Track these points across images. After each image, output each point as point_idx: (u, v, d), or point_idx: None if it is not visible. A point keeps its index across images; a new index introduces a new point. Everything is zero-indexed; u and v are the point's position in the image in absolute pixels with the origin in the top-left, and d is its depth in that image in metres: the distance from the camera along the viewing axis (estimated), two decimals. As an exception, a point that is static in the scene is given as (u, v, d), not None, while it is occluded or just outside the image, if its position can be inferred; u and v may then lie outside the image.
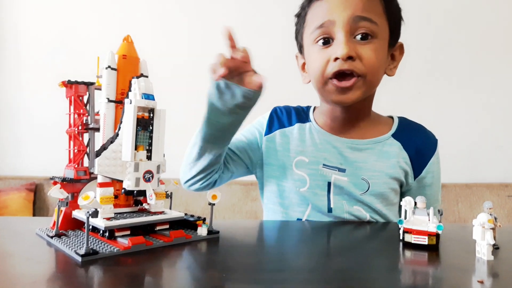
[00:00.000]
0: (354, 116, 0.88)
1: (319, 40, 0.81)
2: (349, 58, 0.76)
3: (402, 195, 0.88)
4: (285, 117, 0.95)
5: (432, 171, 0.87)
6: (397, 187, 0.86)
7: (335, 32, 0.78)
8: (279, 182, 0.89)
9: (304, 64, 0.91)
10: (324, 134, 0.89)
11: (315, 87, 0.86)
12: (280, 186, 0.89)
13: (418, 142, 0.87)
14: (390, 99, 1.85)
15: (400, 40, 0.87)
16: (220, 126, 0.76)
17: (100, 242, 0.55)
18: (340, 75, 0.77)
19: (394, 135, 0.88)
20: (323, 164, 0.86)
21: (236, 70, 0.69)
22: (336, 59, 0.77)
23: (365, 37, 0.77)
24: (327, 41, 0.80)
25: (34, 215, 1.89)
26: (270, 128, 0.93)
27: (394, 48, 0.86)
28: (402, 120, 0.92)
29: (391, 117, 0.93)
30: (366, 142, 0.87)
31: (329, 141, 0.88)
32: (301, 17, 0.88)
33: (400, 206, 0.83)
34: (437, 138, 0.90)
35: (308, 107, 0.98)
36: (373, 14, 0.78)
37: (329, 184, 0.85)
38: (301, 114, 0.95)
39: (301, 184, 0.86)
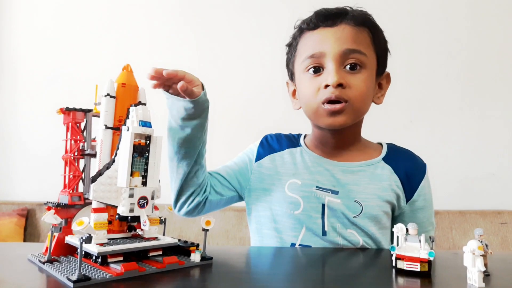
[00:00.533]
0: (344, 141, 0.90)
1: (310, 68, 0.84)
2: (339, 85, 0.79)
3: (394, 219, 0.89)
4: (275, 142, 0.97)
5: (424, 193, 0.89)
6: (389, 211, 0.87)
7: (326, 62, 0.82)
8: (272, 207, 0.90)
9: (294, 90, 0.95)
10: (316, 157, 0.91)
11: (306, 112, 0.89)
12: (274, 210, 0.89)
13: (407, 166, 0.89)
14: (382, 127, 1.88)
15: (391, 69, 0.91)
16: (178, 141, 0.78)
17: (92, 268, 0.54)
18: (330, 101, 0.81)
19: (385, 159, 0.90)
20: (316, 186, 0.87)
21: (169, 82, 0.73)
22: (327, 86, 0.80)
23: (354, 67, 0.81)
24: (318, 69, 0.83)
25: (25, 240, 1.85)
26: (260, 155, 0.95)
27: (381, 77, 0.90)
28: (391, 146, 0.95)
29: (380, 144, 0.96)
30: (358, 164, 0.89)
31: (321, 163, 0.90)
32: (292, 46, 0.92)
33: (392, 231, 0.85)
34: (426, 163, 0.92)
35: (299, 135, 1.00)
36: (362, 46, 0.82)
37: (323, 206, 0.85)
38: (291, 140, 0.98)
39: (294, 207, 0.86)
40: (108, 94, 0.62)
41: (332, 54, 0.80)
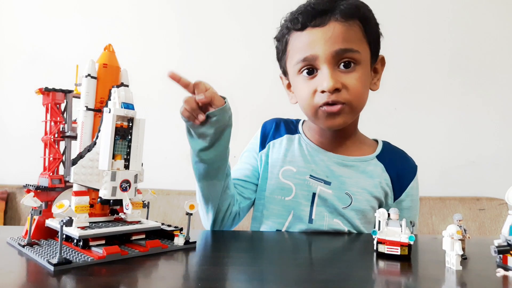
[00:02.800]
0: (341, 135, 0.90)
1: (303, 71, 0.82)
2: (335, 90, 0.78)
3: None
4: (274, 129, 0.97)
5: (411, 194, 0.90)
6: (376, 206, 0.88)
7: (319, 65, 0.79)
8: (266, 192, 0.90)
9: (289, 84, 0.93)
10: (313, 146, 0.92)
11: (304, 112, 0.88)
12: (266, 195, 0.90)
13: (399, 166, 0.91)
14: (367, 115, 1.89)
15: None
16: (211, 160, 0.77)
17: (73, 251, 0.54)
18: (328, 103, 0.79)
19: (378, 157, 0.91)
20: (310, 175, 0.87)
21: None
22: (323, 91, 0.78)
23: (348, 64, 0.79)
24: (312, 71, 0.81)
25: (5, 224, 1.82)
26: (263, 144, 0.96)
27: (376, 62, 0.88)
28: (386, 144, 0.96)
29: (376, 140, 0.97)
30: (352, 159, 0.89)
31: (317, 153, 0.91)
32: (281, 42, 0.88)
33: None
34: (417, 165, 0.94)
35: (298, 120, 1.00)
36: (354, 43, 0.79)
37: (313, 195, 0.86)
38: (290, 126, 0.98)
39: (286, 193, 0.87)
40: (89, 75, 0.60)
41: (325, 56, 0.78)
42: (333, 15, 0.78)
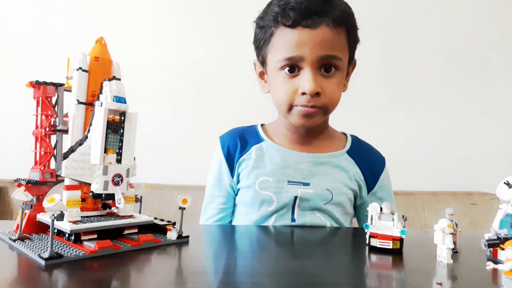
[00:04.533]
0: (313, 132, 0.92)
1: (286, 68, 0.82)
2: (316, 94, 0.79)
3: (357, 208, 0.94)
4: (236, 145, 0.93)
5: (384, 185, 0.93)
6: (352, 198, 0.90)
7: (303, 65, 0.80)
8: (246, 206, 0.90)
9: (262, 72, 0.92)
10: (284, 151, 0.90)
11: (277, 107, 0.88)
12: (248, 206, 0.90)
13: (368, 160, 0.93)
14: (360, 110, 1.90)
15: (369, 51, 0.91)
16: None
17: (65, 246, 0.53)
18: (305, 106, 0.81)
19: (348, 152, 0.92)
20: (288, 181, 0.87)
21: None
22: (303, 93, 0.79)
23: (328, 69, 0.81)
24: (293, 70, 0.81)
25: (-3, 220, 1.80)
26: (232, 166, 0.93)
27: (349, 66, 0.90)
28: (354, 139, 0.97)
29: (344, 134, 0.98)
30: (325, 155, 0.90)
31: (290, 157, 0.89)
32: (265, 32, 0.85)
33: (353, 216, 0.93)
34: (384, 156, 0.97)
35: (255, 126, 0.97)
36: (339, 51, 0.81)
37: (295, 198, 0.86)
38: (252, 135, 0.95)
39: (268, 204, 0.87)
40: (80, 68, 0.60)
41: (310, 59, 0.78)
42: (324, 19, 0.78)
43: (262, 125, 0.98)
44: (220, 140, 0.96)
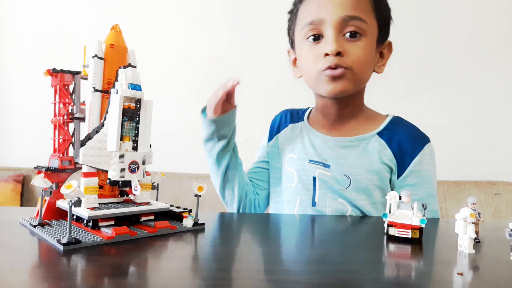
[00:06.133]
0: (346, 111, 0.89)
1: (310, 36, 0.83)
2: (338, 54, 0.79)
3: None
4: (280, 121, 1.02)
5: (417, 170, 0.84)
6: (383, 184, 0.84)
7: (325, 30, 0.81)
8: (279, 182, 0.95)
9: (295, 59, 0.94)
10: (312, 132, 0.93)
11: (307, 80, 0.88)
12: (280, 186, 0.95)
13: (402, 141, 0.85)
14: (381, 97, 1.86)
15: (390, 38, 0.89)
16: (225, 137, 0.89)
17: (83, 231, 0.54)
18: (330, 67, 0.80)
19: (380, 133, 0.87)
20: (309, 160, 0.89)
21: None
22: (326, 55, 0.79)
23: (354, 34, 0.80)
24: (317, 37, 0.82)
25: (21, 206, 1.87)
26: (271, 136, 1.01)
27: (382, 46, 0.88)
28: (394, 119, 0.91)
29: (388, 116, 0.92)
30: (349, 139, 0.88)
31: (316, 138, 0.92)
32: (293, 13, 0.91)
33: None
34: (430, 141, 0.87)
35: (307, 109, 1.02)
36: (363, 13, 0.80)
37: (314, 179, 0.87)
38: (295, 115, 1.01)
39: (291, 180, 0.90)
40: (96, 55, 0.60)
41: (332, 21, 0.79)
42: None
43: (312, 108, 1.01)
44: (272, 120, 1.05)
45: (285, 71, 1.02)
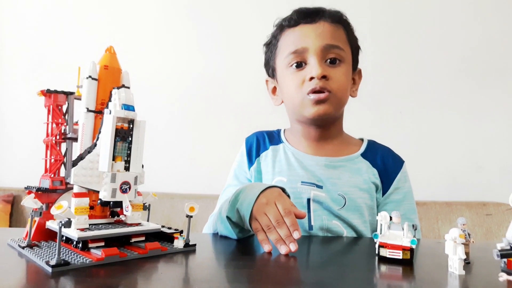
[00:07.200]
0: (327, 133, 0.93)
1: (293, 64, 0.88)
2: (323, 77, 0.83)
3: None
4: (258, 144, 1.00)
5: (399, 187, 0.91)
6: (370, 202, 0.88)
7: (308, 57, 0.86)
8: None
9: (275, 88, 0.98)
10: (298, 153, 0.94)
11: (290, 105, 0.92)
12: None
13: (384, 160, 0.93)
14: (372, 118, 1.88)
15: (381, 59, 0.93)
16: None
17: (72, 253, 0.54)
18: (315, 91, 0.84)
19: (363, 155, 0.93)
20: (302, 182, 0.88)
21: None
22: (311, 78, 0.84)
23: (334, 61, 0.86)
24: (300, 64, 0.87)
25: (10, 227, 1.83)
26: (251, 160, 0.98)
27: (354, 73, 0.94)
28: (371, 142, 0.98)
29: (362, 140, 0.99)
30: (339, 159, 0.91)
31: (304, 160, 0.92)
32: (272, 44, 0.96)
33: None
34: (405, 160, 0.95)
35: (279, 130, 1.03)
36: (340, 42, 0.87)
37: (308, 200, 0.86)
38: (272, 137, 1.01)
39: None
40: (90, 76, 0.61)
41: (314, 49, 0.85)
42: (323, 16, 0.88)
43: (284, 130, 1.03)
44: (245, 140, 1.03)
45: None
